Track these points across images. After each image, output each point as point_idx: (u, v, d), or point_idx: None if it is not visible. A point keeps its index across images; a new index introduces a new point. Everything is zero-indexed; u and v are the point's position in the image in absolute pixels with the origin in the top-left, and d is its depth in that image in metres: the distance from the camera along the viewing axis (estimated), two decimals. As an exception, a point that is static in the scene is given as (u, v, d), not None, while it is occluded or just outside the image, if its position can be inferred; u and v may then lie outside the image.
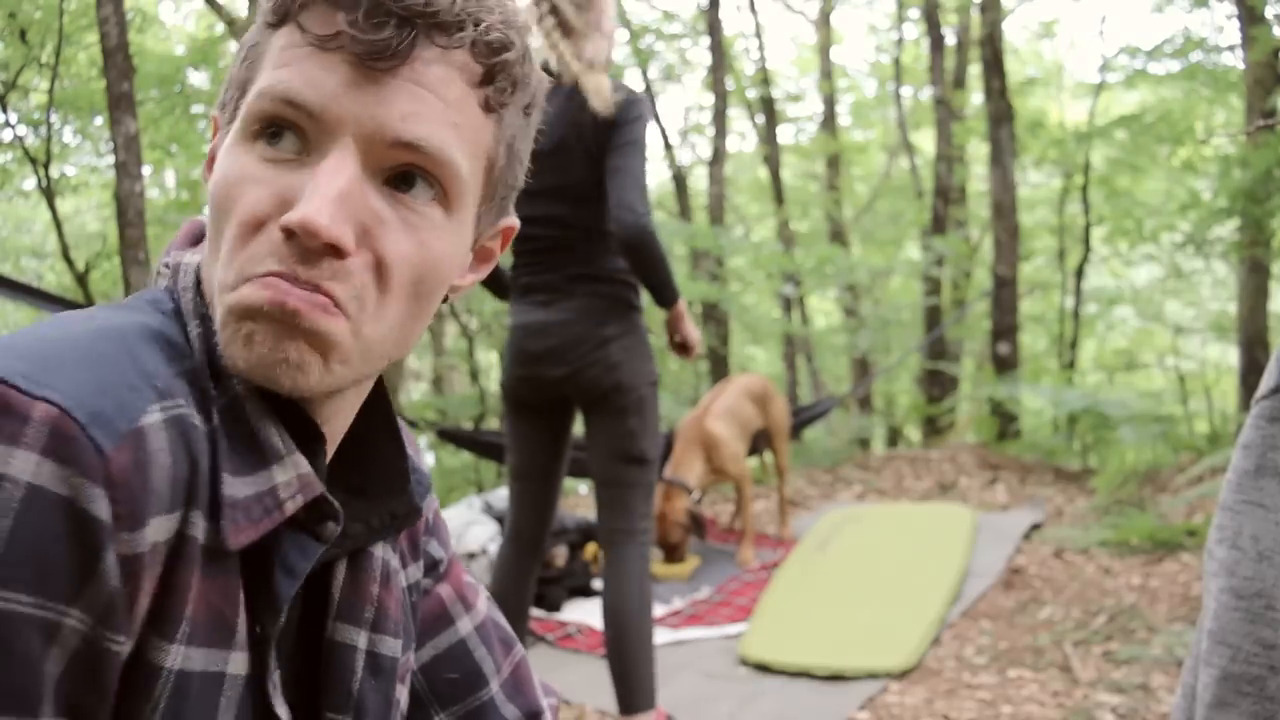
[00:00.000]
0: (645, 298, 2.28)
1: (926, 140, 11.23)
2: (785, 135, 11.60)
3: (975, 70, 9.09)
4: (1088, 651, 2.87)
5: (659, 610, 3.36)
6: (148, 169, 7.07)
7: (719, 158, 8.43)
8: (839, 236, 10.68)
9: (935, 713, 2.50)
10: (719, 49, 8.35)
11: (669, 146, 9.54)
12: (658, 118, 9.16)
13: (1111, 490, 4.85)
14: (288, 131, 0.55)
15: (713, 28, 8.33)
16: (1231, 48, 6.61)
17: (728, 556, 4.06)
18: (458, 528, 3.54)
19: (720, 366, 7.99)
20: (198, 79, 6.72)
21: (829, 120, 11.07)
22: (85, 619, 0.47)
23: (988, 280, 8.01)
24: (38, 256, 9.33)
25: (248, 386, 0.56)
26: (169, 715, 0.51)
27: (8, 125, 5.23)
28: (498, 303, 7.70)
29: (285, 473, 0.56)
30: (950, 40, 9.23)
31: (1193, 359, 9.71)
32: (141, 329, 0.55)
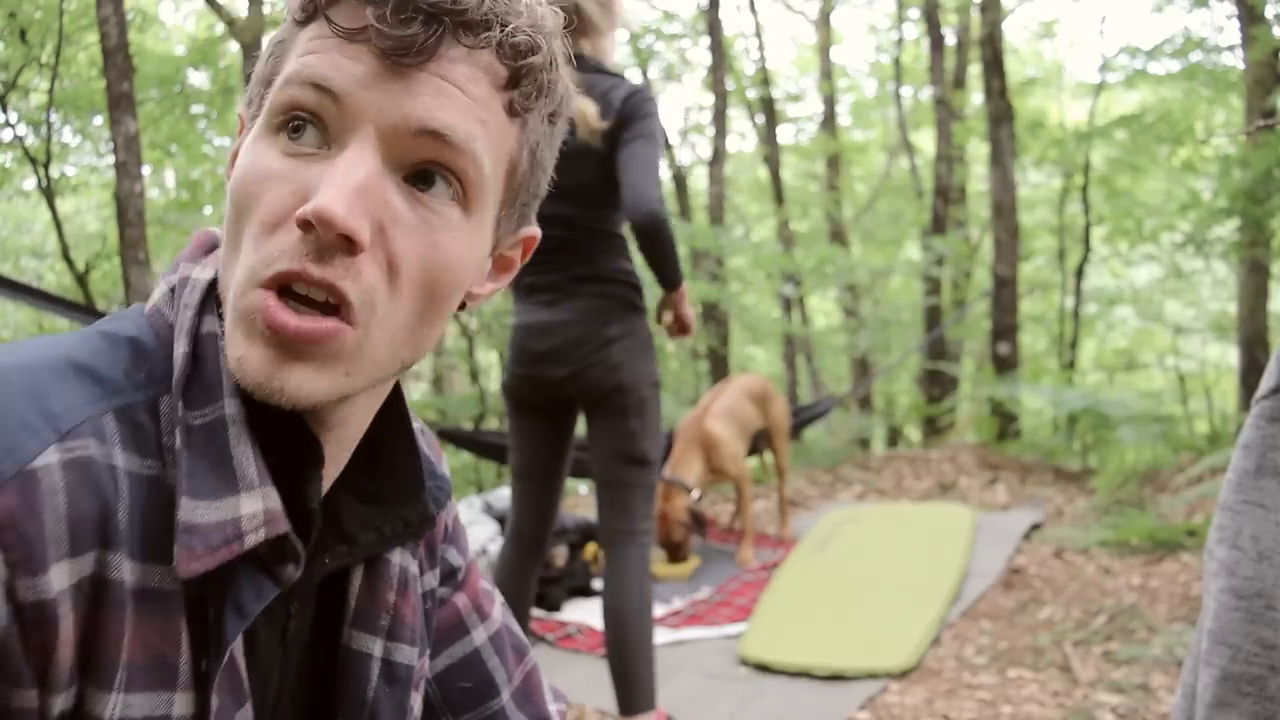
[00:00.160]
0: (647, 297, 2.28)
1: (926, 140, 11.24)
2: (785, 135, 11.63)
3: (975, 70, 9.10)
4: (1088, 651, 2.87)
5: (659, 610, 3.36)
6: (148, 169, 7.08)
7: (719, 158, 8.43)
8: (839, 236, 10.68)
9: (935, 713, 2.50)
10: (719, 49, 8.35)
11: (669, 146, 9.54)
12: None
13: (1111, 490, 4.85)
14: (309, 125, 0.55)
15: (713, 28, 8.33)
16: (1231, 48, 6.62)
17: (728, 556, 4.06)
18: (458, 528, 3.54)
19: (720, 366, 7.99)
20: (198, 79, 6.73)
21: (829, 120, 11.08)
22: None
23: (988, 280, 8.01)
24: (38, 256, 9.33)
25: (239, 405, 0.54)
26: None
27: (8, 125, 5.24)
28: (498, 303, 7.72)
29: (253, 504, 0.53)
30: (950, 40, 9.23)
31: (1193, 359, 9.71)
32: (64, 364, 0.52)
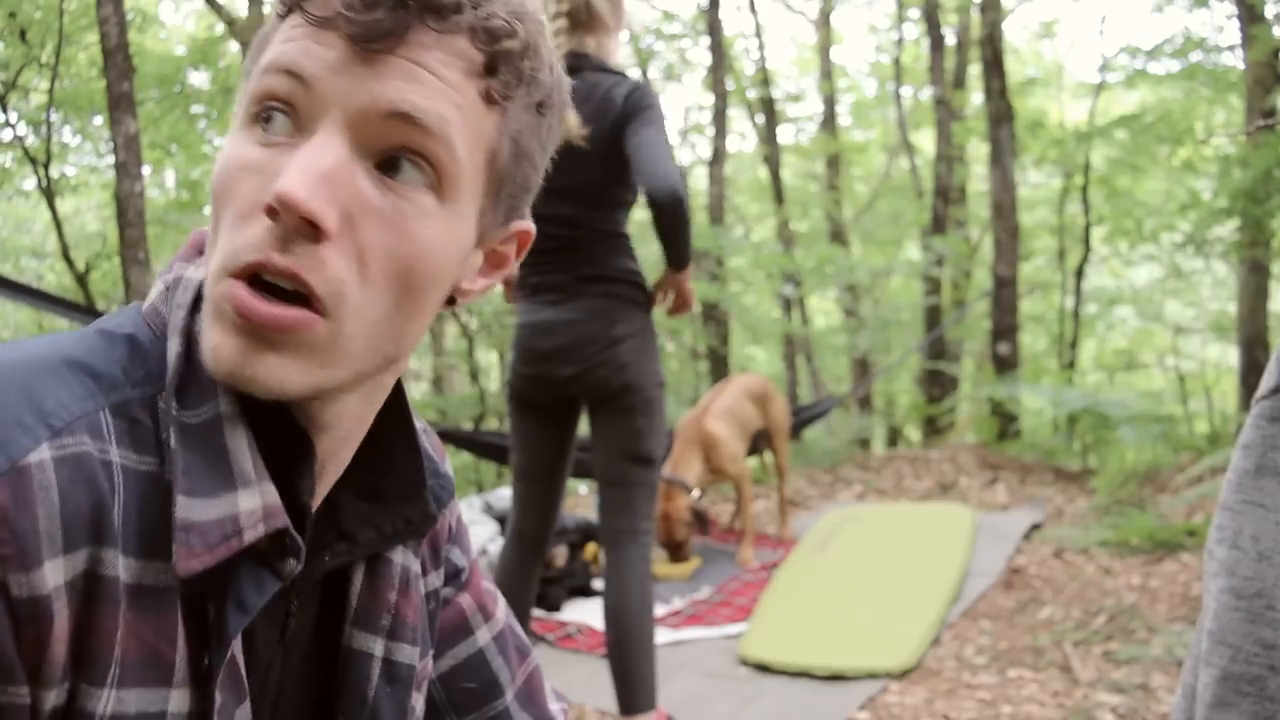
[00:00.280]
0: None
1: (926, 140, 11.24)
2: (785, 135, 11.63)
3: (975, 70, 9.09)
4: (1088, 651, 2.87)
5: (659, 610, 3.36)
6: (148, 169, 7.08)
7: (719, 158, 8.43)
8: (839, 236, 10.68)
9: (935, 713, 2.50)
10: (719, 49, 8.35)
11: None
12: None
13: (1111, 490, 4.85)
14: (281, 114, 0.54)
15: (713, 28, 8.33)
16: (1231, 48, 6.62)
17: (728, 556, 4.06)
18: (458, 528, 3.54)
19: (720, 366, 7.99)
20: (198, 79, 6.73)
21: (829, 120, 11.07)
22: None
23: (988, 280, 8.01)
24: (38, 256, 9.33)
25: (232, 402, 0.54)
26: None
27: (8, 125, 5.24)
28: (498, 303, 7.72)
29: (251, 500, 0.53)
30: (950, 40, 9.23)
31: (1193, 359, 9.71)
32: (60, 361, 0.52)
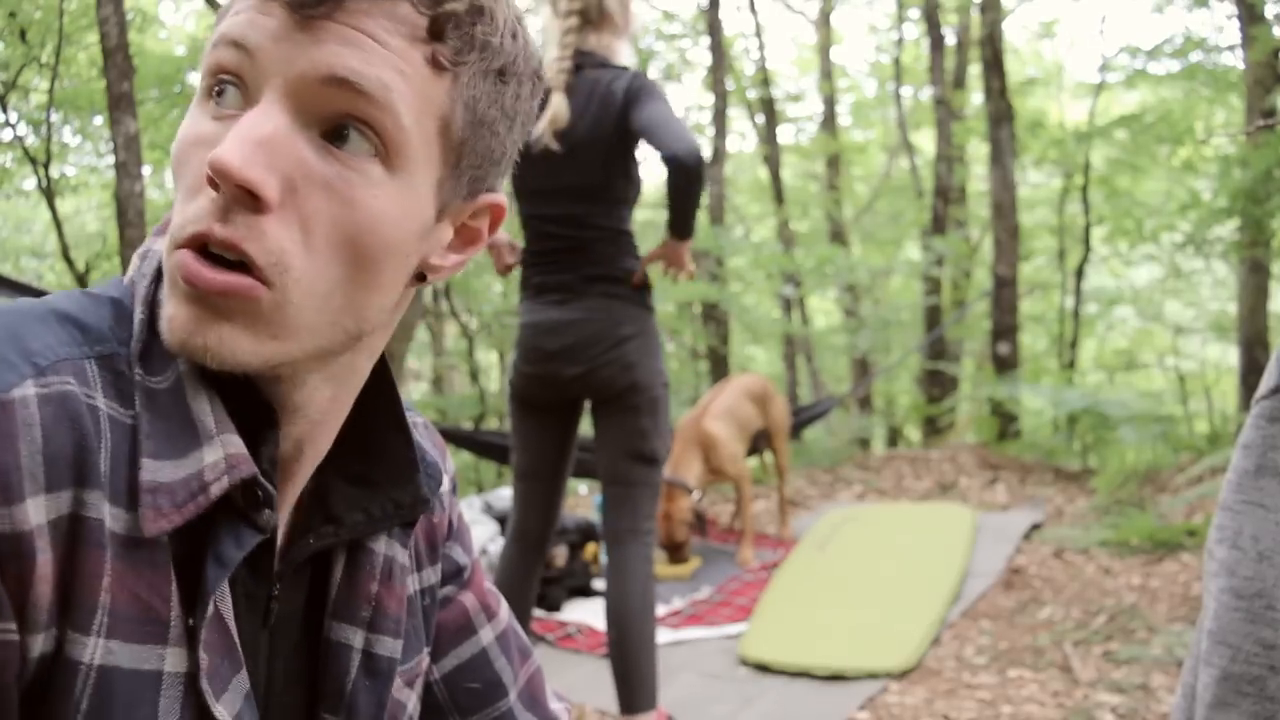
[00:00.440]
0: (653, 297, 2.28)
1: (926, 140, 11.24)
2: (785, 135, 11.62)
3: (975, 70, 9.09)
4: (1088, 651, 2.87)
5: (659, 610, 3.36)
6: (148, 169, 7.07)
7: (719, 158, 8.43)
8: (839, 236, 10.68)
9: (935, 713, 2.50)
10: (719, 49, 8.35)
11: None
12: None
13: (1111, 490, 4.85)
14: (231, 87, 0.54)
15: (713, 28, 8.33)
16: (1231, 48, 6.62)
17: (728, 556, 4.06)
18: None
19: (720, 366, 7.99)
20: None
21: (829, 120, 11.07)
22: None
23: (988, 280, 8.00)
24: (38, 256, 9.32)
25: (192, 368, 0.54)
26: (93, 715, 0.48)
27: (8, 125, 5.23)
28: (498, 303, 7.72)
29: (214, 453, 0.52)
30: (950, 40, 9.23)
31: (1193, 359, 9.71)
32: (47, 311, 0.52)
